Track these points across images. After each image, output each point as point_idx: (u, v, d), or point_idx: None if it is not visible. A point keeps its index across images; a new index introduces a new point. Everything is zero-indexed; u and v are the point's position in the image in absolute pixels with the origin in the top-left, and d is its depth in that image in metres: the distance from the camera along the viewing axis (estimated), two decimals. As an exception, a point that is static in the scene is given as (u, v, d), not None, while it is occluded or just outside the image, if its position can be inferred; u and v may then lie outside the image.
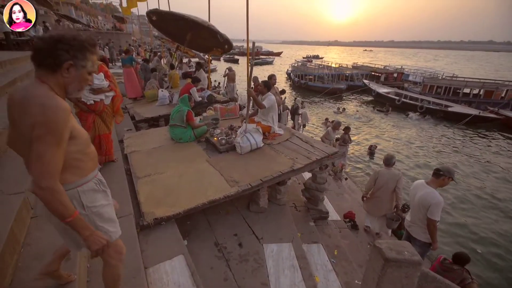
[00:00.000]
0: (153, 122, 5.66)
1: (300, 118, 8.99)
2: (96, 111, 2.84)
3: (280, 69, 36.93)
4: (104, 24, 33.68)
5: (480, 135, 12.61)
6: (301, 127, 9.24)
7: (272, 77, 5.37)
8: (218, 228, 2.90)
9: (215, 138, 3.86)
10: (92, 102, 2.75)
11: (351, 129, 7.91)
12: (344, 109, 16.06)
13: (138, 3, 14.75)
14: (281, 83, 26.68)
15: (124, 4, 17.13)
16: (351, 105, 18.27)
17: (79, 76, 1.09)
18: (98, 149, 2.88)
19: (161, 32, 7.79)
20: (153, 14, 5.95)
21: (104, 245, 1.15)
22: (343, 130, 7.06)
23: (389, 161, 3.92)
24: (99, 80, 2.74)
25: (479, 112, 13.67)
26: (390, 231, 4.30)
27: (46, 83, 1.02)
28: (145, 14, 6.56)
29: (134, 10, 17.60)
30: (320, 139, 6.67)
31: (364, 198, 4.23)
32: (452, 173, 2.79)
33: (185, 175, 3.08)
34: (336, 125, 6.95)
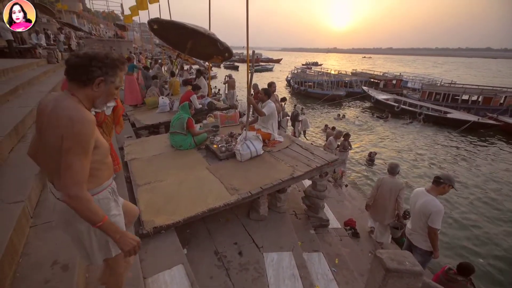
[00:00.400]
0: (153, 129, 5.68)
1: (300, 124, 9.03)
2: (97, 122, 2.82)
3: (279, 76, 37.22)
4: (106, 32, 34.10)
5: (479, 141, 12.64)
6: (301, 133, 9.27)
7: (272, 85, 5.41)
8: (218, 236, 2.88)
9: (215, 146, 3.87)
10: (93, 113, 2.73)
11: (351, 135, 7.94)
12: (344, 115, 16.14)
13: (140, 11, 14.97)
14: (281, 89, 26.86)
15: (126, 13, 17.41)
16: (351, 112, 18.35)
17: (107, 90, 1.16)
18: None
19: (162, 40, 7.89)
20: (154, 23, 6.04)
21: (135, 246, 1.19)
22: (343, 136, 7.08)
23: (393, 170, 3.98)
24: None
25: (478, 119, 13.73)
26: (390, 237, 4.33)
27: (76, 96, 1.09)
28: (146, 22, 6.65)
29: (135, 18, 17.85)
30: (321, 147, 6.68)
31: (368, 207, 4.28)
32: (452, 180, 2.79)
33: (185, 182, 3.08)
34: (338, 135, 6.97)
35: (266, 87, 4.62)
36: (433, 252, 2.88)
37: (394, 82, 25.51)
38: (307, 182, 4.39)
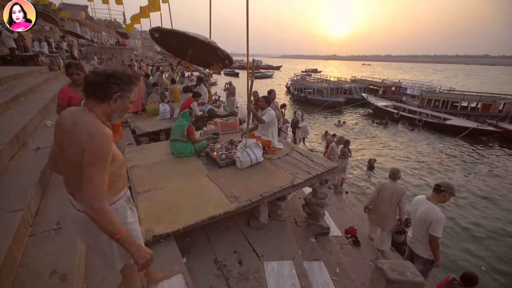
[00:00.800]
0: (153, 136, 5.69)
1: (300, 131, 9.05)
2: None
3: (279, 82, 37.51)
4: (108, 40, 34.53)
5: (480, 147, 12.63)
6: (301, 140, 9.28)
7: (271, 92, 5.46)
8: (218, 245, 2.86)
9: (215, 153, 3.87)
10: None
11: (351, 142, 7.95)
12: (344, 122, 16.20)
13: (141, 19, 15.19)
14: (281, 96, 27.01)
15: (128, 21, 17.66)
16: (351, 118, 18.42)
17: (123, 105, 1.23)
18: None
19: (163, 48, 7.98)
20: (156, 32, 6.12)
21: (148, 259, 1.22)
22: (343, 143, 7.09)
23: (394, 175, 4.05)
24: None
25: (478, 125, 13.76)
26: (390, 244, 4.36)
27: (93, 112, 1.15)
28: (147, 30, 6.74)
29: (137, 26, 18.10)
30: (320, 153, 6.68)
31: (367, 209, 4.37)
32: (452, 189, 2.78)
33: (185, 190, 3.07)
34: (339, 140, 6.97)
35: (267, 94, 4.66)
36: (434, 261, 2.86)
37: (393, 89, 25.67)
38: (307, 189, 4.38)
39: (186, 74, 15.13)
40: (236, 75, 41.84)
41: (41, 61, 9.36)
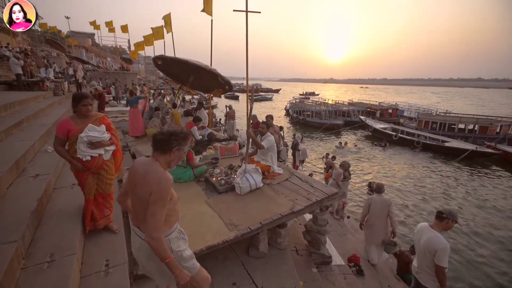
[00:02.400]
0: (153, 160, 5.69)
1: (299, 154, 9.06)
2: (92, 168, 2.33)
3: (278, 105, 38.20)
4: (112, 65, 35.69)
5: (479, 170, 12.58)
6: (300, 163, 9.26)
7: (269, 118, 5.56)
8: (216, 276, 2.75)
9: (214, 178, 3.85)
10: (89, 158, 2.29)
11: (352, 164, 7.93)
12: (346, 143, 16.33)
13: (145, 46, 15.80)
14: (280, 119, 27.40)
15: (132, 48, 18.36)
16: (350, 140, 18.55)
17: (179, 155, 1.56)
18: (92, 210, 2.44)
19: (166, 75, 8.23)
20: (159, 59, 6.35)
21: (188, 280, 1.54)
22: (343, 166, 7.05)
23: (380, 189, 4.44)
24: (99, 132, 2.31)
25: (476, 147, 13.82)
26: (383, 257, 4.53)
27: (159, 161, 1.50)
28: (151, 55, 7.00)
29: (141, 52, 18.79)
30: (320, 175, 6.62)
31: (362, 226, 4.61)
32: (455, 215, 2.73)
33: (184, 217, 3.01)
34: (345, 166, 6.88)
35: (265, 119, 4.73)
36: (442, 292, 2.74)
37: (390, 111, 26.13)
38: (308, 215, 4.31)
39: (188, 97, 15.46)
40: (236, 98, 42.76)
41: (46, 86, 9.60)
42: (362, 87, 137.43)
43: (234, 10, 5.78)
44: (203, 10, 7.21)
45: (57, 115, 6.09)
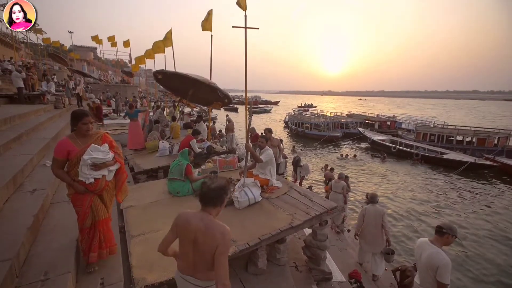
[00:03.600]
0: (152, 173, 5.67)
1: (301, 169, 9.02)
2: (96, 190, 2.18)
3: (277, 117, 38.46)
4: (113, 78, 36.17)
5: (480, 182, 12.55)
6: (302, 178, 9.22)
7: (267, 131, 5.60)
8: (214, 294, 2.68)
9: (213, 192, 3.83)
10: (93, 180, 2.12)
11: (351, 176, 7.91)
12: (347, 155, 16.37)
13: (146, 59, 16.08)
14: (279, 131, 27.54)
15: (133, 61, 18.69)
16: (349, 152, 18.58)
17: (224, 205, 1.66)
18: (92, 240, 2.21)
19: (166, 88, 8.34)
20: (159, 74, 6.46)
21: None
22: (342, 178, 7.03)
23: (373, 199, 4.54)
24: (103, 153, 2.15)
25: (475, 159, 13.85)
26: (383, 267, 4.55)
27: (212, 215, 1.59)
28: (151, 68, 7.12)
29: (141, 65, 19.09)
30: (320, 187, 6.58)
31: (357, 236, 4.68)
32: (454, 230, 2.71)
33: (181, 233, 2.98)
34: (345, 179, 6.87)
35: (263, 133, 4.76)
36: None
37: (388, 123, 26.34)
38: (307, 229, 4.26)
39: (187, 110, 15.58)
40: (236, 110, 43.07)
41: (47, 100, 9.69)
42: (361, 99, 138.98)
43: (233, 27, 5.93)
44: (204, 29, 7.40)
45: (57, 128, 6.12)
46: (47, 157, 4.14)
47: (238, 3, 5.59)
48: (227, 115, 11.92)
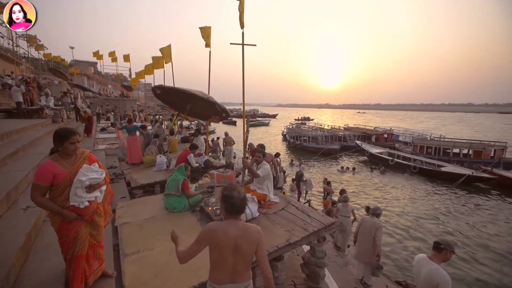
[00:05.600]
0: (148, 188, 5.62)
1: (305, 184, 8.98)
2: (88, 215, 1.98)
3: (275, 131, 38.64)
4: (113, 92, 36.53)
5: (477, 195, 12.50)
6: (305, 193, 9.17)
7: (260, 147, 5.62)
8: (209, 315, 2.60)
9: (210, 208, 3.80)
10: (87, 203, 1.95)
11: (350, 189, 7.88)
12: (348, 168, 16.34)
13: (146, 75, 16.32)
14: (278, 144, 27.60)
15: (133, 76, 18.97)
16: (347, 165, 18.58)
17: None
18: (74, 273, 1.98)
19: (164, 103, 8.42)
20: (158, 89, 6.55)
21: None
22: (339, 192, 7.01)
23: (374, 211, 4.58)
24: (97, 172, 2.01)
25: (472, 172, 13.86)
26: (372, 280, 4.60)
27: (241, 220, 1.75)
28: (151, 82, 7.22)
29: (141, 79, 19.36)
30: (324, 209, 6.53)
31: (355, 243, 4.74)
32: (452, 246, 2.68)
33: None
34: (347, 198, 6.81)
35: (259, 146, 4.78)
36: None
37: (385, 136, 26.52)
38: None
39: (186, 123, 15.66)
40: (234, 123, 43.30)
41: (45, 114, 9.72)
42: (359, 112, 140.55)
43: (231, 43, 6.07)
44: (207, 46, 7.57)
45: (54, 143, 6.10)
46: (42, 172, 4.11)
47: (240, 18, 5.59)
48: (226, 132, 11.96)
